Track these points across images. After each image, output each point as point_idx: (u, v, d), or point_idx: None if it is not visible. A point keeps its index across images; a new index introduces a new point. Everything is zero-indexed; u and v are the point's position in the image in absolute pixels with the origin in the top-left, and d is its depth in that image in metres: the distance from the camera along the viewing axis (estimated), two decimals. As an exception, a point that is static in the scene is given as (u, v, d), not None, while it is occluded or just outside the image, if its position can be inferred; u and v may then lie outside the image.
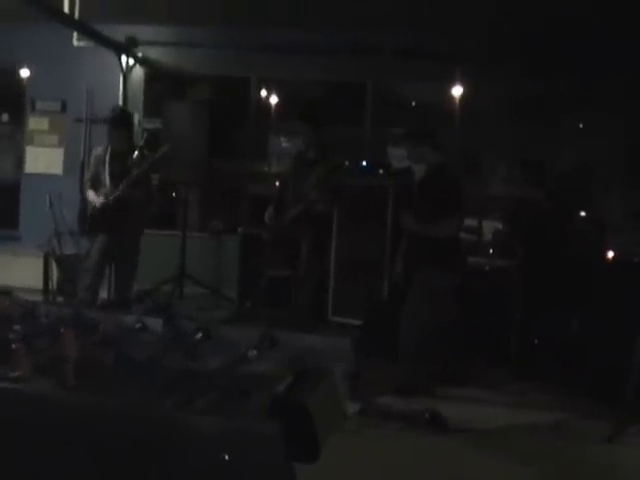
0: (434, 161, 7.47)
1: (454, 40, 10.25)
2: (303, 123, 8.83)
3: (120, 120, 8.31)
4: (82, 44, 11.36)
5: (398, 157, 9.90)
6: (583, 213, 10.15)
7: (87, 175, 8.64)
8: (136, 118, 10.93)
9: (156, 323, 3.84)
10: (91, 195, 8.25)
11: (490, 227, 9.98)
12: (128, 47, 10.94)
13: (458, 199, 7.42)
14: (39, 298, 9.31)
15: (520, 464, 5.96)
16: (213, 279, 10.95)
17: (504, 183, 11.74)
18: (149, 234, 9.02)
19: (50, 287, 10.14)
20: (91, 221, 8.25)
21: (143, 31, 10.94)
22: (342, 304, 9.40)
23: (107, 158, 8.16)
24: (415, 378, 7.20)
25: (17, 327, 3.52)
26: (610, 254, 8.40)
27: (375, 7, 9.53)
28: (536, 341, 8.31)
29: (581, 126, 11.84)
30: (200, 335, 3.64)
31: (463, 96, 11.45)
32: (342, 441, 3.54)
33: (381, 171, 9.63)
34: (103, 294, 8.76)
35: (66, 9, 10.02)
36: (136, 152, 8.17)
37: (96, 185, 8.21)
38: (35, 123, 12.01)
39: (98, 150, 8.35)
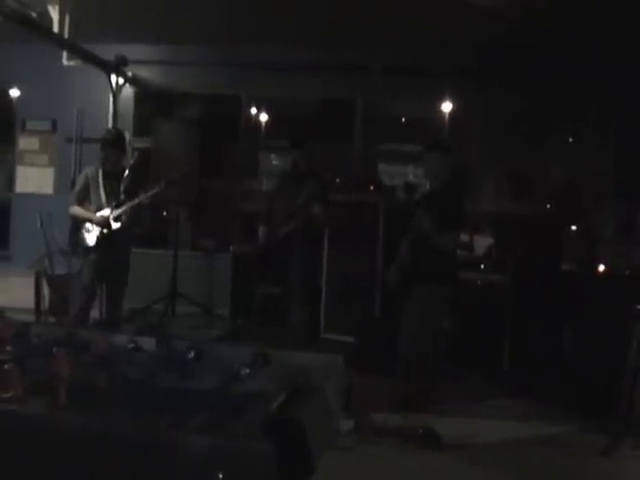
0: (448, 177, 7.50)
1: (443, 57, 10.27)
2: (294, 144, 8.85)
3: (115, 141, 8.31)
4: (72, 64, 11.37)
5: (391, 174, 9.95)
6: (574, 227, 10.17)
7: (73, 191, 8.60)
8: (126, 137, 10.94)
9: (148, 342, 3.84)
10: (76, 209, 8.22)
11: (481, 242, 10.01)
12: (118, 66, 10.92)
13: (463, 214, 7.46)
14: (31, 318, 9.30)
15: (513, 478, 5.95)
16: (205, 297, 10.95)
17: (495, 198, 11.77)
18: (141, 253, 9.02)
19: (42, 307, 10.10)
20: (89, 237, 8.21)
21: (133, 50, 10.92)
22: (334, 321, 9.41)
23: (100, 178, 8.14)
24: (408, 394, 7.19)
25: (9, 348, 3.52)
26: (601, 268, 8.42)
27: (364, 25, 9.56)
28: (529, 355, 8.31)
29: (571, 140, 11.89)
30: (192, 354, 3.64)
31: (453, 112, 11.50)
32: (336, 458, 3.54)
33: (372, 187, 9.67)
34: (94, 313, 8.73)
35: (56, 29, 10.02)
36: (127, 172, 8.16)
37: (84, 203, 8.19)
38: (25, 143, 12.00)
39: (90, 169, 8.33)
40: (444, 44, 9.90)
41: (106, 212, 8.02)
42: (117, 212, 8.04)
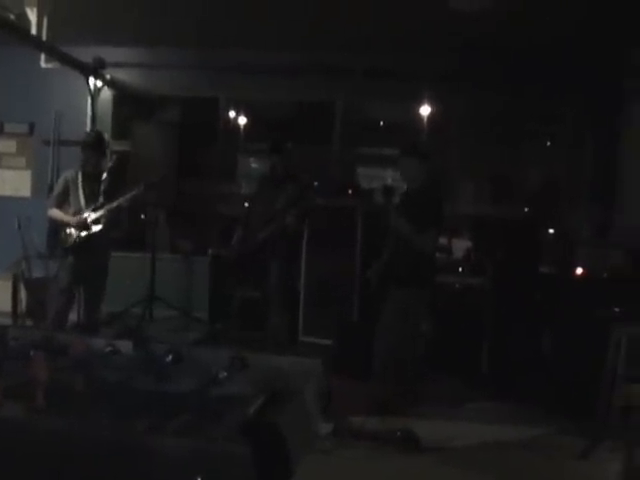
0: (426, 180, 7.51)
1: (422, 60, 10.29)
2: (273, 148, 8.84)
3: (96, 143, 8.27)
4: (50, 66, 11.33)
5: (369, 177, 9.95)
6: (552, 230, 10.20)
7: (52, 194, 8.56)
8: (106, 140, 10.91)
9: (126, 346, 3.83)
10: (55, 212, 8.18)
11: (460, 245, 10.03)
12: (96, 69, 10.87)
13: (441, 216, 7.48)
14: (8, 321, 9.26)
15: (492, 481, 5.98)
16: (183, 301, 10.93)
17: (473, 201, 11.80)
18: (119, 256, 8.98)
19: (19, 310, 10.06)
20: (67, 240, 8.16)
21: (111, 53, 10.88)
22: (312, 324, 9.42)
23: (79, 180, 8.10)
24: (387, 397, 7.20)
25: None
26: (579, 270, 8.45)
27: (344, 28, 9.56)
28: (508, 358, 8.33)
29: (548, 143, 11.93)
30: (170, 357, 3.63)
31: (431, 115, 11.52)
32: (315, 461, 3.54)
33: (350, 191, 9.67)
34: (72, 317, 8.68)
35: (34, 31, 9.97)
36: (105, 175, 8.13)
37: (62, 205, 8.15)
38: (3, 146, 11.95)
39: (69, 172, 8.28)
40: (423, 47, 9.92)
41: (85, 215, 7.99)
42: (96, 215, 8.01)
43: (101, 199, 8.05)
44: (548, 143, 12.02)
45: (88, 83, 10.99)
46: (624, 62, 9.68)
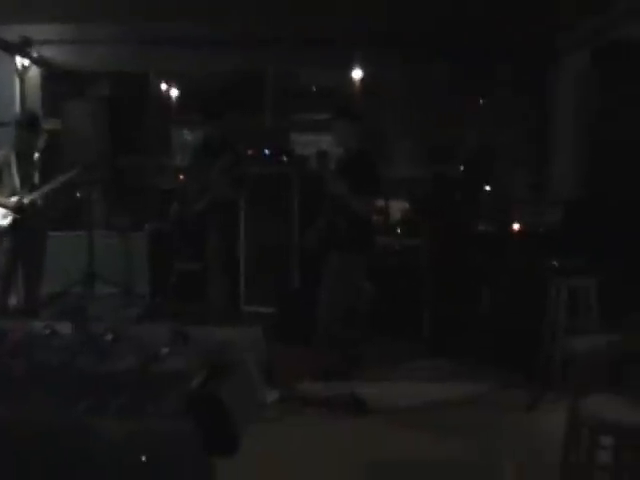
0: (358, 144, 7.51)
1: (353, 25, 10.26)
2: (205, 118, 8.78)
3: (29, 123, 8.16)
4: (-26, 46, 11.14)
5: (304, 143, 9.93)
6: (488, 188, 10.27)
7: None
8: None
9: (65, 327, 3.80)
10: None
11: (397, 207, 10.07)
12: (22, 47, 10.73)
13: (377, 179, 7.48)
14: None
15: (441, 438, 6.03)
16: (124, 277, 10.85)
17: (409, 163, 11.85)
18: (55, 236, 8.89)
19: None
20: (11, 224, 8.06)
21: (37, 30, 10.72)
22: (254, 293, 9.43)
23: (13, 161, 8.00)
24: (331, 362, 7.23)
25: None
26: (516, 226, 8.53)
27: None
28: (449, 317, 8.40)
29: (482, 102, 11.99)
30: (110, 336, 3.61)
31: (364, 79, 11.51)
32: (262, 429, 3.55)
33: (285, 158, 9.66)
34: (12, 300, 8.60)
35: (-45, 12, 9.80)
36: (37, 155, 8.04)
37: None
38: None
39: (1, 152, 8.16)
40: (352, 12, 9.89)
41: (20, 196, 7.89)
42: (32, 196, 7.92)
43: (36, 179, 7.97)
44: (481, 102, 12.06)
45: (15, 62, 10.86)
46: (553, 22, 9.73)
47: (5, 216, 7.95)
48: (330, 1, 9.46)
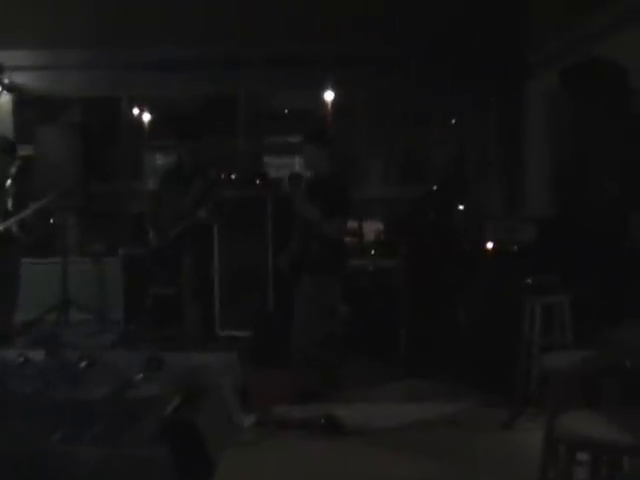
0: (329, 167, 7.53)
1: (323, 46, 10.31)
2: (180, 139, 8.76)
3: (4, 149, 8.12)
4: (-54, 73, 11.11)
5: (277, 166, 9.94)
6: (461, 207, 10.30)
7: None
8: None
9: (38, 355, 3.77)
10: None
11: (371, 228, 10.08)
12: (-7, 74, 10.74)
13: (348, 201, 7.50)
14: None
15: (420, 459, 6.01)
16: (98, 303, 10.81)
17: (382, 183, 11.89)
18: (29, 263, 8.86)
19: None
20: None
21: (8, 56, 10.72)
22: (229, 317, 9.41)
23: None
24: (308, 384, 7.22)
25: None
26: (489, 245, 8.55)
27: (240, 19, 9.54)
28: (425, 337, 8.40)
29: (454, 122, 12.05)
30: (84, 363, 3.59)
31: (335, 101, 11.55)
32: (239, 454, 3.54)
33: (258, 181, 9.66)
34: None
35: None
36: (9, 181, 8.00)
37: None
38: None
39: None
40: (323, 33, 9.94)
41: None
42: (4, 224, 7.88)
43: (9, 206, 7.93)
44: (453, 121, 12.13)
45: (-14, 88, 10.85)
46: (524, 37, 9.81)
47: None
48: (301, 24, 9.52)
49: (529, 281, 6.96)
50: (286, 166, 11.57)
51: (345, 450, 6.16)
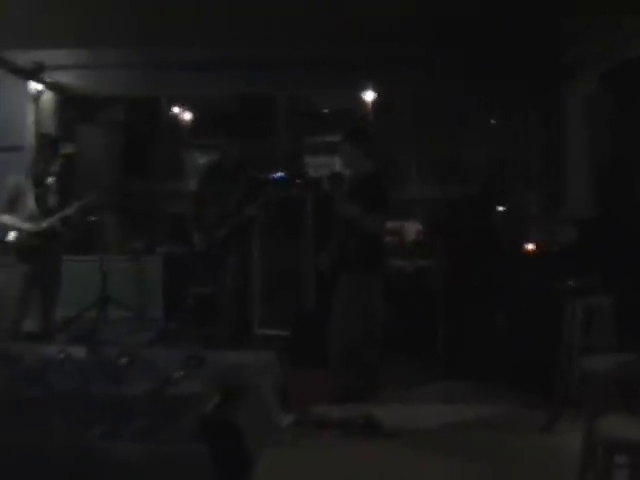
0: (367, 166, 7.52)
1: (363, 46, 10.28)
2: (223, 137, 8.79)
3: (48, 147, 8.18)
4: (-12, 73, 11.19)
5: (317, 166, 9.94)
6: (501, 208, 10.25)
7: (1, 199, 8.42)
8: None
9: (79, 351, 3.79)
10: (6, 218, 8.07)
11: (411, 228, 10.06)
12: (36, 73, 10.78)
13: (387, 200, 7.48)
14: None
15: (458, 460, 5.98)
16: (137, 301, 10.86)
17: (422, 184, 11.85)
18: (70, 260, 8.90)
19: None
20: (20, 247, 8.06)
21: (51, 55, 10.79)
22: (268, 316, 9.41)
23: (29, 185, 8.00)
24: (346, 385, 7.21)
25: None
26: (530, 246, 8.50)
27: (281, 19, 9.53)
28: (465, 337, 8.36)
29: (494, 122, 11.99)
30: (125, 360, 3.60)
31: (375, 100, 11.53)
32: (278, 453, 3.54)
33: (298, 181, 9.67)
34: (27, 325, 8.60)
35: (-31, 38, 9.85)
36: (50, 179, 8.04)
37: (11, 210, 8.05)
38: (-54, 156, 11.80)
39: (17, 177, 8.16)
40: (363, 33, 9.91)
41: (37, 221, 7.90)
42: (48, 221, 7.93)
43: (52, 204, 7.98)
44: (493, 122, 12.07)
45: (29, 87, 10.91)
46: (560, 38, 9.73)
47: (22, 240, 7.95)
48: (341, 24, 9.49)
49: (570, 282, 6.91)
50: (326, 166, 11.55)
51: (383, 451, 6.14)
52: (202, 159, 12.61)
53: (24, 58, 10.56)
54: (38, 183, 8.01)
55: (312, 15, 9.34)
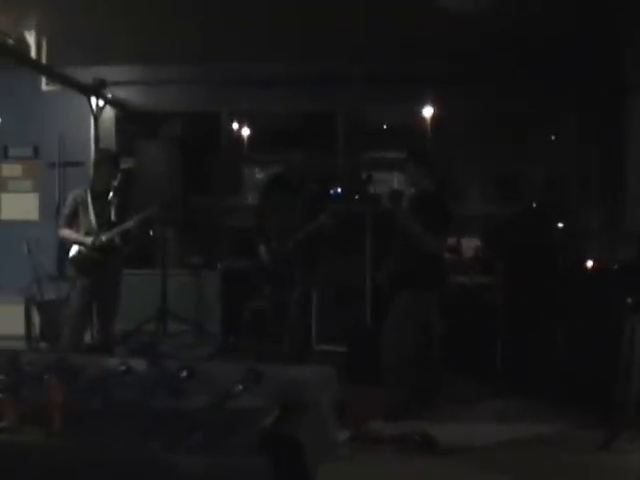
0: (430, 185, 7.52)
1: (421, 62, 10.30)
2: (287, 150, 8.84)
3: (109, 161, 8.28)
4: (51, 88, 11.35)
5: (376, 182, 9.93)
6: (561, 225, 10.19)
7: (62, 214, 8.52)
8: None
9: (140, 364, 3.83)
10: (67, 232, 8.18)
11: (469, 245, 10.02)
12: (97, 89, 10.92)
13: (449, 218, 7.47)
14: (22, 345, 9.28)
15: (512, 479, 5.96)
16: (196, 315, 10.92)
17: (480, 200, 11.81)
18: (129, 274, 8.98)
19: (32, 334, 10.08)
20: (81, 261, 8.15)
21: (111, 72, 10.93)
22: (326, 332, 9.41)
23: (89, 199, 8.10)
24: (401, 401, 7.19)
25: (1, 377, 3.51)
26: (590, 263, 8.43)
27: (340, 35, 9.57)
28: (522, 355, 8.31)
29: (553, 138, 11.92)
30: (185, 373, 3.63)
31: (434, 117, 11.52)
32: (334, 469, 3.54)
33: (357, 197, 9.68)
34: (86, 337, 8.69)
35: (33, 54, 9.99)
36: (111, 193, 8.12)
37: (72, 225, 8.15)
38: (8, 170, 11.98)
39: (78, 191, 8.26)
40: (422, 51, 9.93)
41: (97, 235, 7.99)
42: (108, 235, 8.01)
43: (112, 218, 8.07)
44: (553, 138, 12.00)
45: (90, 103, 11.05)
46: (624, 55, 9.67)
47: (83, 254, 8.05)
48: (401, 41, 9.51)
49: (629, 300, 6.84)
50: (384, 182, 11.55)
51: (439, 469, 6.12)
52: (261, 174, 12.68)
53: (86, 74, 10.70)
54: (98, 198, 8.10)
55: (372, 32, 9.38)
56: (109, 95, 11.38)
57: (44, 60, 10.17)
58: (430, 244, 7.21)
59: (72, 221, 8.15)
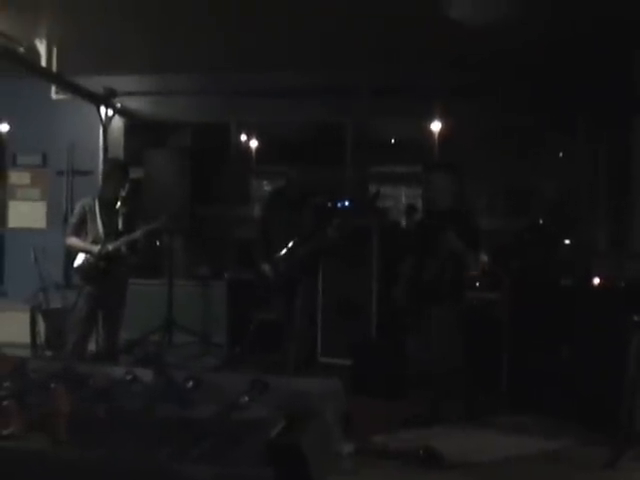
0: (448, 200, 7.51)
1: (431, 76, 10.31)
2: (289, 163, 8.83)
3: (118, 171, 8.30)
4: (60, 97, 11.38)
5: (382, 195, 9.92)
6: (567, 241, 10.18)
7: (70, 223, 8.53)
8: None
9: (146, 374, 3.83)
10: (74, 241, 8.19)
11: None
12: (106, 98, 10.94)
13: (479, 231, 7.51)
14: (27, 353, 9.29)
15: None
16: (202, 326, 10.92)
17: (487, 215, 11.80)
18: (136, 284, 8.99)
19: (38, 342, 10.09)
20: (87, 269, 8.16)
21: (121, 81, 10.96)
22: (330, 344, 9.40)
23: (97, 209, 8.11)
24: (410, 414, 7.20)
25: (7, 384, 3.51)
26: (596, 280, 8.41)
27: (351, 47, 9.59)
28: (528, 371, 8.29)
29: (561, 155, 11.92)
30: (191, 384, 3.63)
31: (442, 131, 11.54)
32: (338, 482, 3.53)
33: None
34: (92, 346, 8.69)
35: (43, 62, 10.03)
36: (119, 203, 8.13)
37: (79, 233, 8.16)
38: (17, 177, 12.02)
39: (86, 200, 8.28)
40: (431, 64, 9.94)
41: (104, 244, 7.99)
42: (115, 244, 8.02)
43: (119, 227, 8.08)
44: (561, 154, 12.01)
45: (99, 112, 11.08)
46: (632, 72, 9.68)
47: (90, 262, 8.06)
48: (409, 52, 9.53)
49: (635, 318, 6.82)
50: (391, 196, 11.57)
51: (443, 482, 6.12)
52: (269, 186, 12.70)
53: (95, 83, 10.72)
54: (106, 207, 8.12)
55: (381, 45, 9.39)
56: (118, 105, 11.41)
57: (54, 69, 10.21)
58: (474, 261, 7.25)
59: (80, 230, 8.16)
